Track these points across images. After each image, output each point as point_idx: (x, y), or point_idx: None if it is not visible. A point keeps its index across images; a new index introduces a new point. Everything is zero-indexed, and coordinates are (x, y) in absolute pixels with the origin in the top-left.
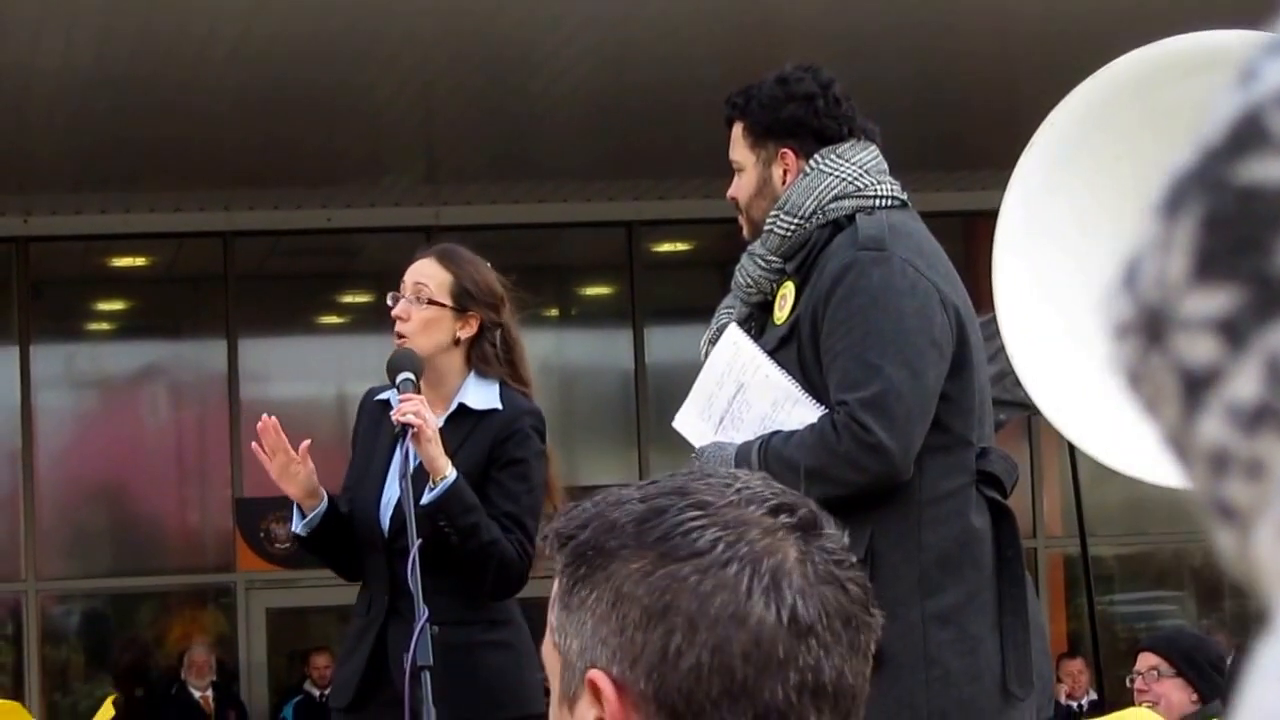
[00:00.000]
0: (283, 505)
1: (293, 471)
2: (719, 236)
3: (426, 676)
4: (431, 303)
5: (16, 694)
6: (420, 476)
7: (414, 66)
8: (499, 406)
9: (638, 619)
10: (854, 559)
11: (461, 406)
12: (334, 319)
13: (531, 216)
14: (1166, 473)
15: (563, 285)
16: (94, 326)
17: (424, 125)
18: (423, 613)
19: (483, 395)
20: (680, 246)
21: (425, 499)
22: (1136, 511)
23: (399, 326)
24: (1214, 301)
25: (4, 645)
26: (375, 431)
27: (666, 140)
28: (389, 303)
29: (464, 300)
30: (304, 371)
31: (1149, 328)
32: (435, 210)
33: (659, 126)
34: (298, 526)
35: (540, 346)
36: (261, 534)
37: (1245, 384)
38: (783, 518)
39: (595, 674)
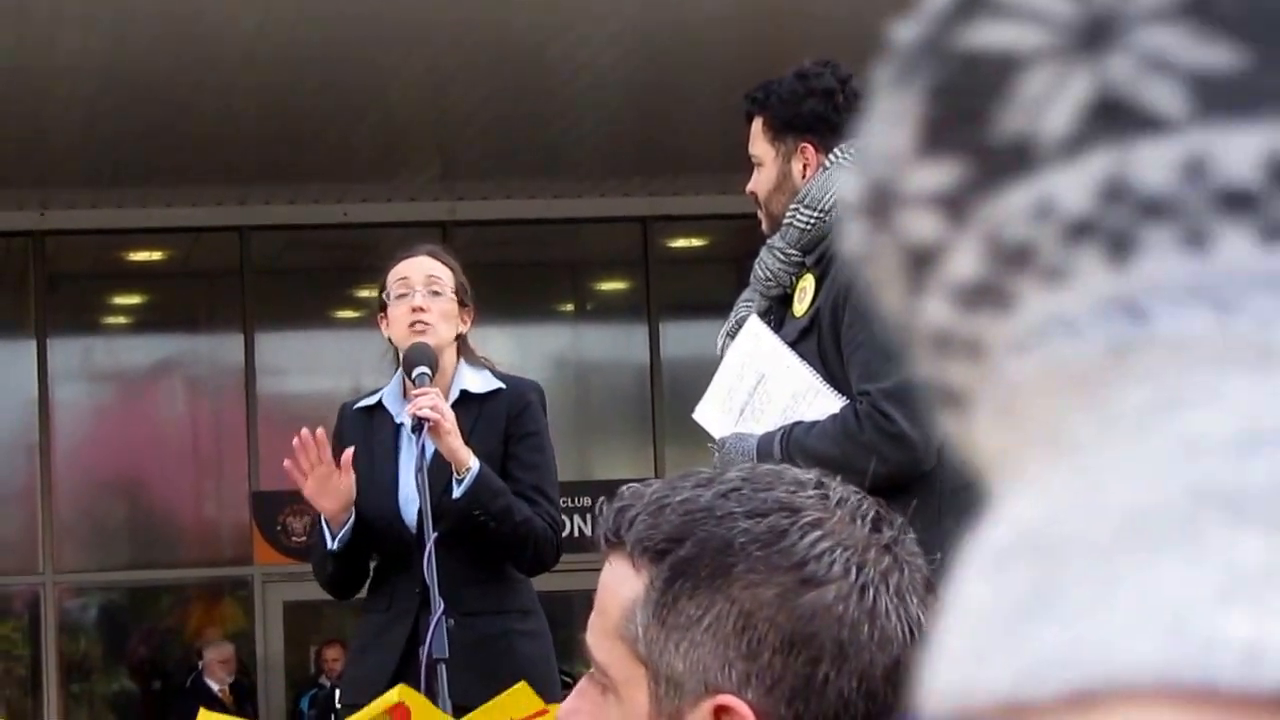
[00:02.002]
0: (299, 499)
1: (333, 485)
2: (734, 232)
3: (443, 669)
4: (448, 296)
5: (34, 686)
6: (434, 470)
7: (430, 61)
8: (502, 386)
9: (777, 644)
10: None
11: (464, 393)
12: (350, 313)
13: (547, 212)
14: None
15: (578, 281)
16: (110, 320)
17: (440, 120)
18: (439, 606)
19: (480, 379)
20: (695, 242)
21: (457, 493)
22: None
23: (422, 317)
24: (936, 175)
25: (21, 637)
26: (368, 436)
27: (682, 135)
28: (385, 300)
29: (464, 296)
30: (320, 366)
31: (876, 205)
32: (451, 205)
33: (674, 122)
34: (331, 545)
35: (555, 342)
36: (278, 527)
37: (964, 261)
38: (885, 530)
39: (730, 699)
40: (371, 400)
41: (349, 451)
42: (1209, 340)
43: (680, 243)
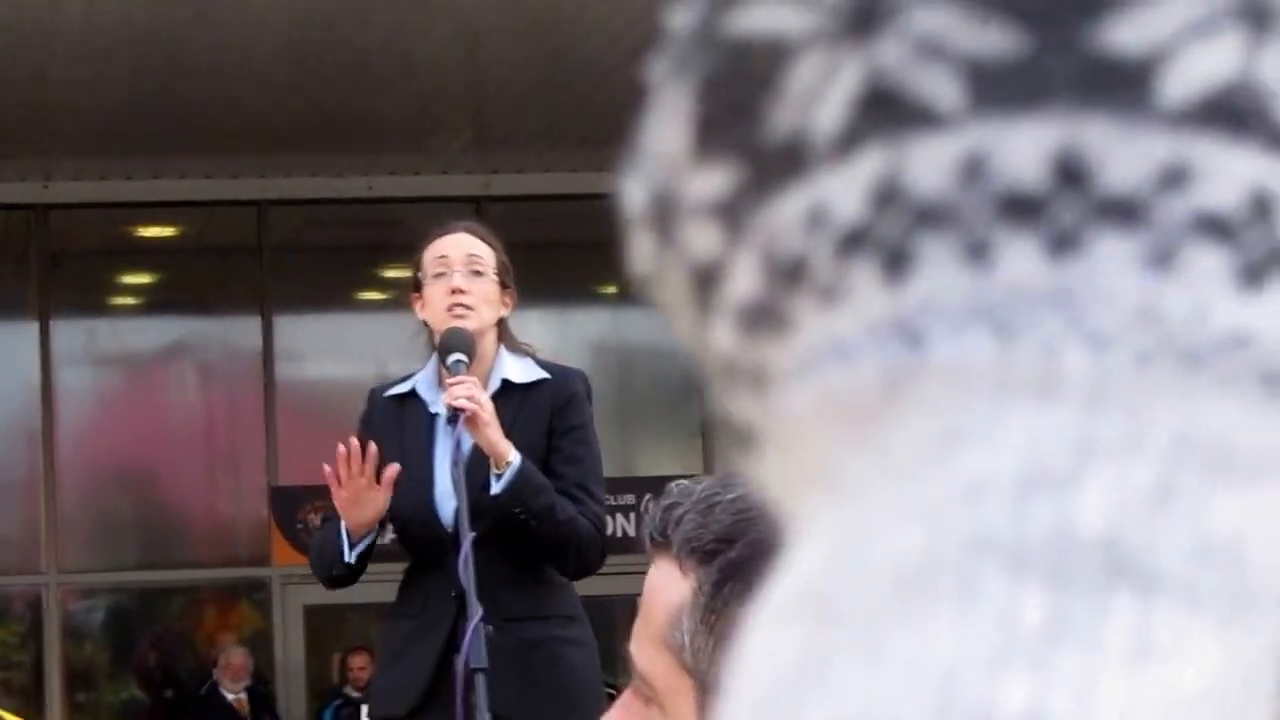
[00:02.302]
0: (322, 495)
1: (368, 499)
2: None
3: (481, 679)
4: (490, 276)
5: (37, 694)
6: (472, 465)
7: (463, 22)
8: (546, 375)
9: None
10: None
11: (505, 383)
12: (375, 295)
13: (588, 186)
14: None
15: (622, 261)
16: (118, 301)
17: (473, 87)
18: (477, 611)
19: (522, 368)
20: None
21: (496, 489)
22: None
23: (462, 299)
24: (712, 181)
25: (21, 642)
26: (400, 426)
27: None
28: (421, 279)
29: (506, 277)
30: (343, 350)
31: (658, 216)
32: (485, 179)
33: None
34: (349, 556)
35: (596, 326)
36: (299, 525)
37: (744, 278)
38: None
39: None
40: (404, 387)
41: (392, 467)
42: (988, 368)
43: None
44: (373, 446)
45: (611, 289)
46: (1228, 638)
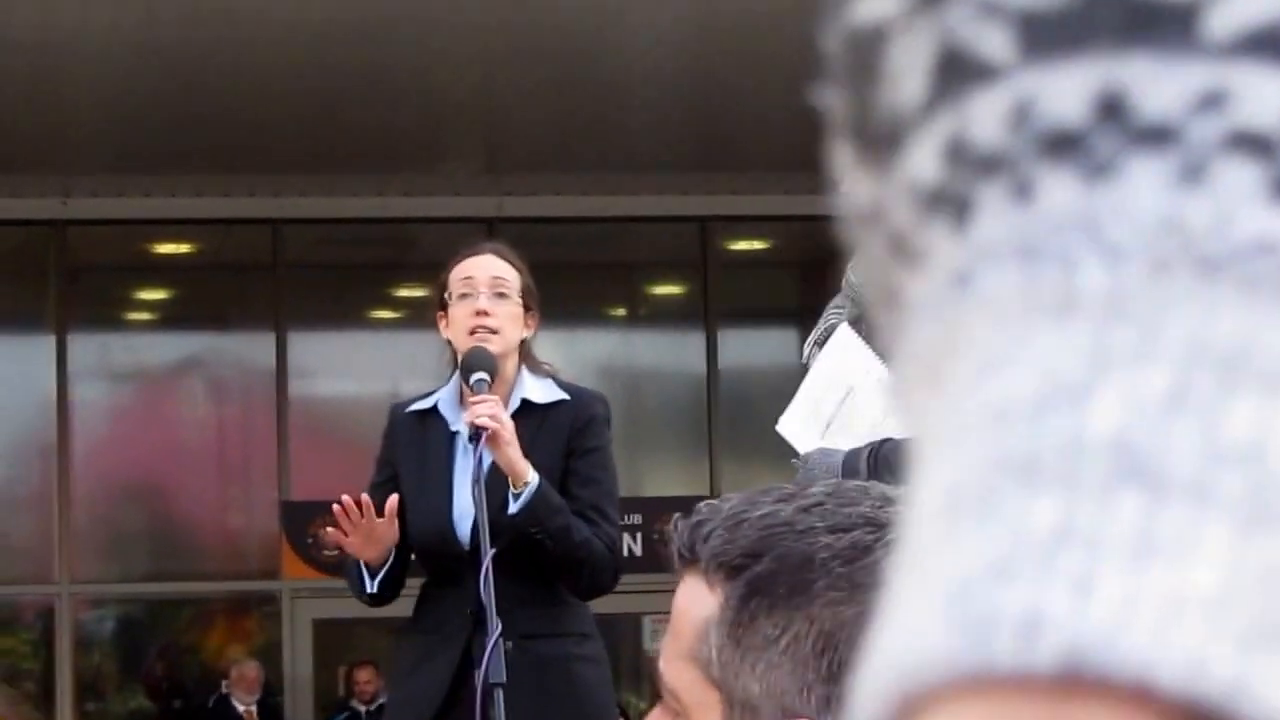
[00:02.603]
0: (332, 510)
1: (377, 536)
2: (798, 235)
3: (499, 694)
4: (515, 298)
5: (47, 704)
6: (490, 484)
7: (478, 47)
8: (566, 397)
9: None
10: None
11: (525, 402)
12: (387, 314)
13: (600, 210)
14: None
15: (631, 283)
16: (134, 316)
17: (487, 110)
18: (496, 627)
19: (542, 389)
20: (757, 245)
21: (514, 508)
22: None
23: (486, 321)
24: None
25: (35, 651)
26: (421, 443)
27: (745, 130)
28: (446, 299)
29: (530, 300)
30: (355, 369)
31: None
32: (498, 201)
33: (736, 115)
34: (370, 587)
35: (605, 348)
36: (309, 540)
37: (872, 258)
38: None
39: None
40: (425, 404)
41: (393, 499)
42: (1017, 294)
43: (741, 245)
44: (365, 497)
45: (620, 311)
46: (1248, 539)
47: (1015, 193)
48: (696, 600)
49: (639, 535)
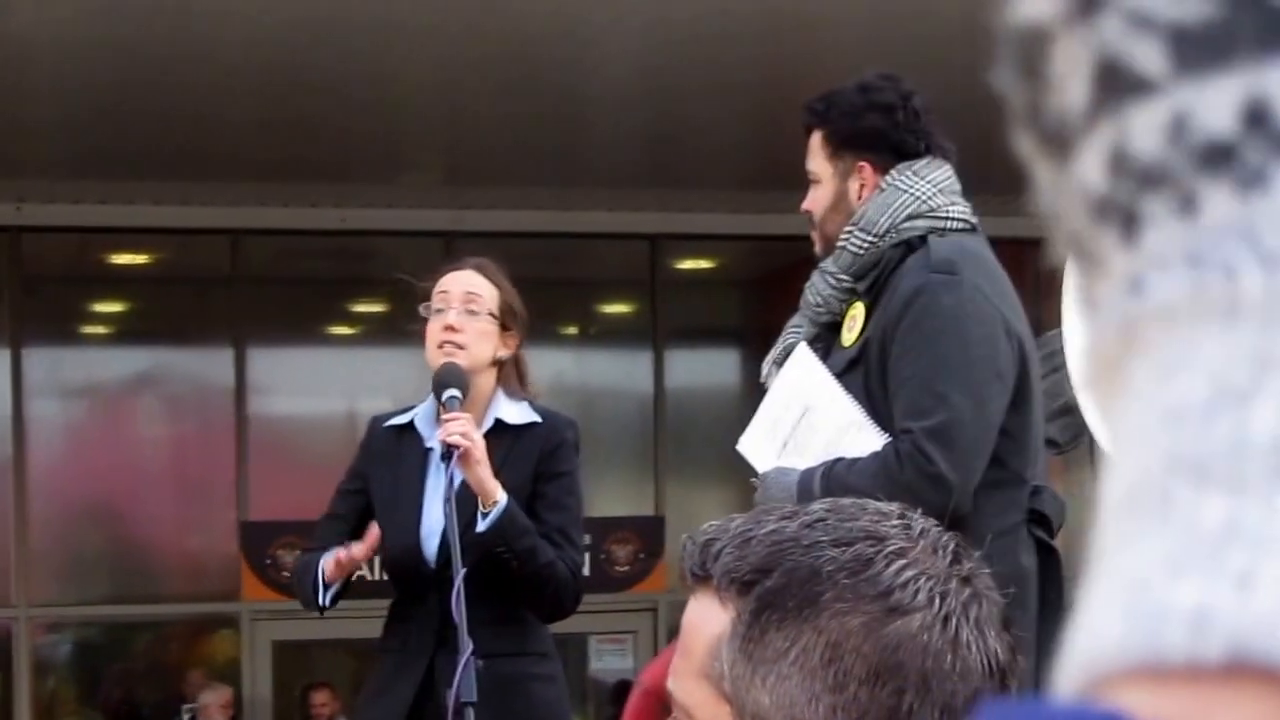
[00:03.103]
0: (293, 530)
1: (348, 563)
2: (746, 254)
3: (470, 714)
4: (488, 315)
5: None
6: (460, 501)
7: (439, 58)
8: (538, 419)
9: (863, 675)
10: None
11: (498, 422)
12: (348, 329)
13: (554, 225)
14: None
15: (583, 301)
16: (90, 330)
17: (448, 121)
18: (467, 645)
19: (517, 410)
20: (704, 264)
21: (482, 526)
22: None
23: (453, 337)
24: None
25: None
26: (396, 458)
27: (698, 148)
28: (422, 314)
29: (508, 318)
30: (316, 384)
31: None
32: (456, 214)
33: (690, 133)
34: (324, 600)
35: (556, 366)
36: (268, 561)
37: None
38: (965, 563)
39: None
40: (403, 419)
41: (375, 533)
42: (1188, 302)
43: (688, 264)
44: (357, 550)
45: (573, 329)
46: None
47: (1180, 207)
48: (709, 617)
49: (588, 555)
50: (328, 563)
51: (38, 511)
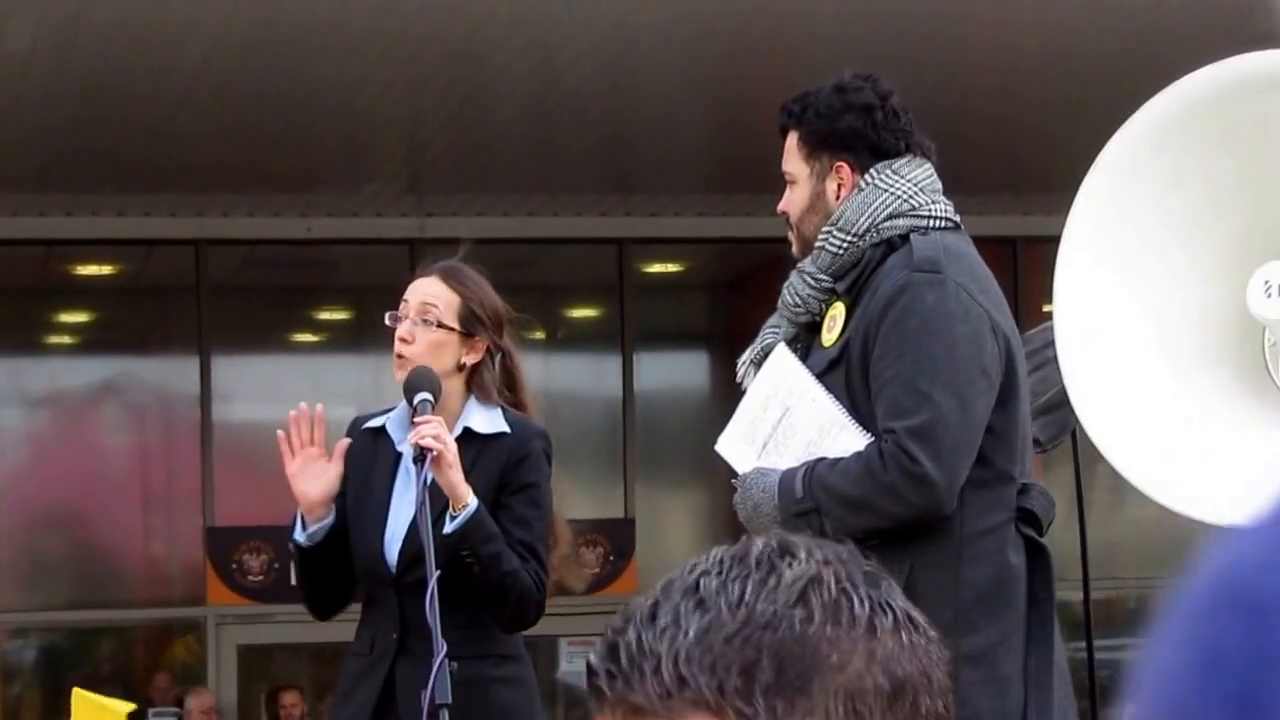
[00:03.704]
0: (258, 535)
1: (317, 469)
2: (712, 257)
3: (445, 715)
4: (440, 325)
5: None
6: (430, 501)
7: (401, 68)
8: (506, 430)
9: (884, 705)
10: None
11: (467, 430)
12: (312, 336)
13: (520, 231)
14: (1214, 506)
15: (550, 305)
16: (56, 339)
17: (410, 131)
18: (442, 647)
19: (487, 419)
20: (672, 267)
21: (449, 528)
22: (1110, 554)
23: (402, 349)
24: None
25: None
26: (369, 460)
27: (661, 153)
28: (388, 323)
29: (471, 325)
30: (280, 392)
31: None
32: (419, 222)
33: (653, 138)
34: (299, 535)
35: (526, 370)
36: (234, 565)
37: None
38: (853, 559)
39: None
40: (379, 422)
41: (343, 442)
42: None
43: (656, 268)
44: (320, 409)
45: (539, 334)
46: None
47: None
48: None
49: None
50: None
51: (2, 520)
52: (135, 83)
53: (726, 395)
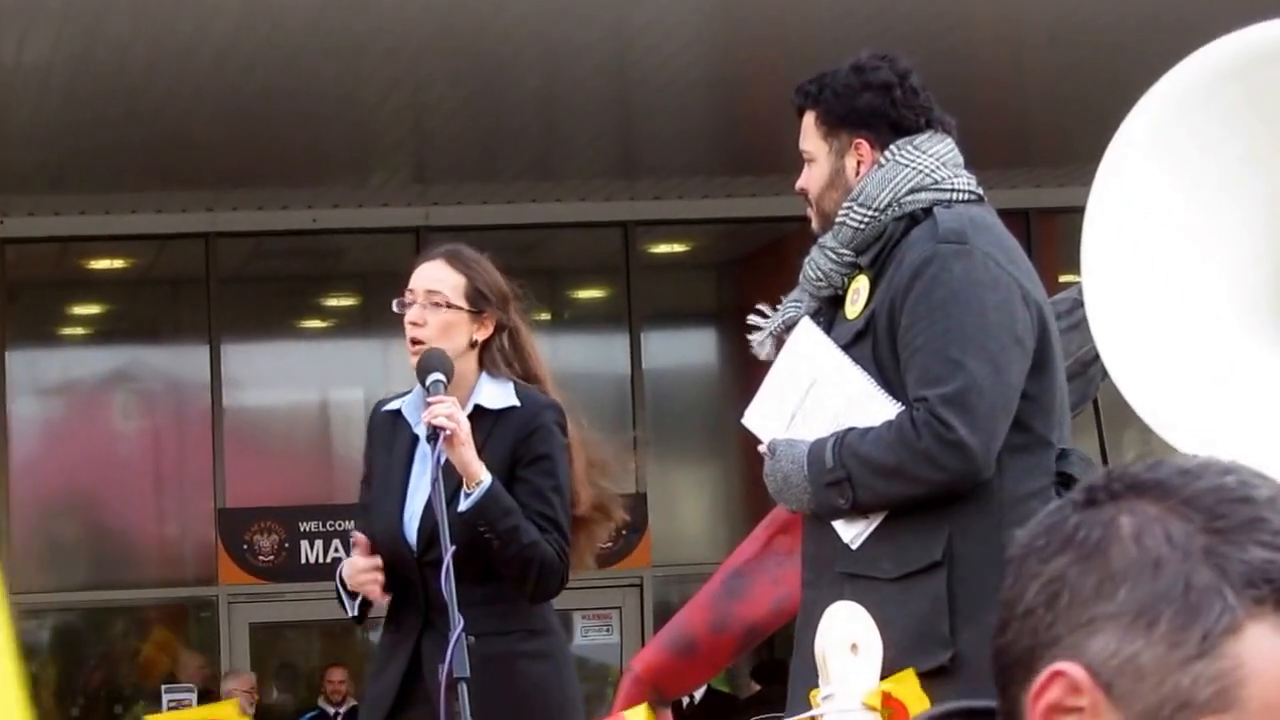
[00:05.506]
0: (268, 516)
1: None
2: (718, 237)
3: (464, 688)
4: (449, 306)
5: None
6: (445, 480)
7: (406, 61)
8: (517, 404)
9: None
10: None
11: (478, 408)
12: (319, 323)
13: (524, 217)
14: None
15: (556, 288)
16: (72, 331)
17: (415, 122)
18: (458, 622)
19: (498, 394)
20: (678, 247)
21: (464, 505)
22: None
23: (415, 333)
24: None
25: None
26: (389, 444)
27: (665, 137)
28: (395, 309)
29: (479, 302)
30: (288, 378)
31: None
32: (425, 210)
33: (657, 123)
34: (353, 610)
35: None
36: (244, 545)
37: None
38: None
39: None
40: (395, 405)
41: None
42: None
43: (662, 248)
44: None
45: (546, 315)
46: None
47: None
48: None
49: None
50: (344, 571)
51: (19, 504)
52: (145, 86)
53: (732, 370)
